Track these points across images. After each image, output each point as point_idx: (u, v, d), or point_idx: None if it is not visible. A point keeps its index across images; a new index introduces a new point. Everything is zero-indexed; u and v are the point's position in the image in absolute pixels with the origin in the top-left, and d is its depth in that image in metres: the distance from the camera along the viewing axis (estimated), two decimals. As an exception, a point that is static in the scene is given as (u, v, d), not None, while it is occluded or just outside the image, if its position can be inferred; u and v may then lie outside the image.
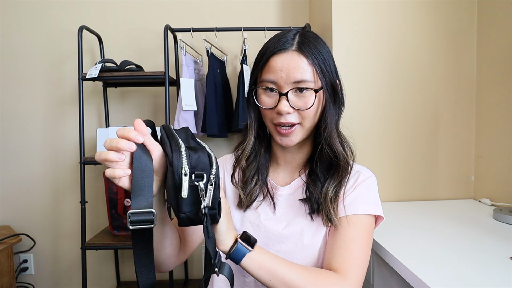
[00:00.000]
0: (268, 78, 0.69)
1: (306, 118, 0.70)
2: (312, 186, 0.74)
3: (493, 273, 0.76)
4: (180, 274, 1.99)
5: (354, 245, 0.68)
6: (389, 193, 1.50)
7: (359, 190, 0.74)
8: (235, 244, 0.61)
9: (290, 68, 0.67)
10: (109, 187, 1.66)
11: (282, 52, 0.68)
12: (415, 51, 1.47)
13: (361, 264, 0.67)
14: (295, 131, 0.71)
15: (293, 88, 0.68)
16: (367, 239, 0.70)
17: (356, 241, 0.68)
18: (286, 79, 0.67)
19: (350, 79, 1.46)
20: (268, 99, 0.71)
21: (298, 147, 0.78)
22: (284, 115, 0.69)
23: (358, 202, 0.72)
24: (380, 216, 0.75)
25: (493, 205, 1.36)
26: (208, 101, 1.62)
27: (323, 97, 0.71)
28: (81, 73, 1.59)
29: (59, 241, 1.95)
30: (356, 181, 0.75)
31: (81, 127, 1.60)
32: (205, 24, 1.87)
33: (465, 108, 1.50)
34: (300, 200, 0.76)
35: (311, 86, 0.68)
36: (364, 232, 0.70)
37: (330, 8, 1.46)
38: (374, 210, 0.72)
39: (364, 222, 0.71)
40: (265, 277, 0.61)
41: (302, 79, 0.67)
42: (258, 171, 0.79)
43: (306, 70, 0.67)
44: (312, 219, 0.73)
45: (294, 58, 0.68)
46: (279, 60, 0.68)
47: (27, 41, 1.88)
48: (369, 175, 0.77)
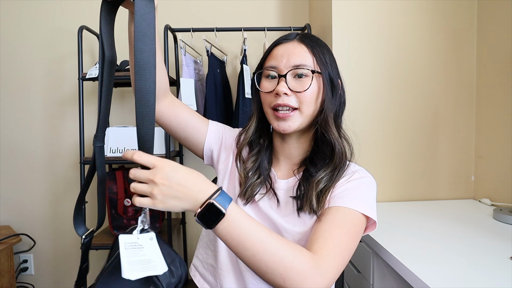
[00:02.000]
0: (270, 64, 0.75)
1: (304, 103, 0.72)
2: (305, 183, 0.74)
3: (493, 273, 0.76)
4: (180, 274, 1.99)
5: (338, 232, 0.64)
6: (389, 193, 1.50)
7: (351, 185, 0.73)
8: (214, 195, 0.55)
9: (291, 54, 0.73)
10: (109, 187, 1.66)
11: (285, 42, 0.76)
12: (415, 51, 1.47)
13: (341, 253, 0.62)
14: (293, 116, 0.73)
15: (292, 70, 0.72)
16: (353, 232, 0.66)
17: (341, 229, 0.65)
18: (286, 63, 0.73)
19: (350, 79, 1.46)
20: (268, 84, 0.75)
21: (296, 140, 0.79)
22: (281, 96, 0.71)
23: (347, 195, 0.70)
24: (373, 223, 0.73)
25: (493, 205, 1.37)
26: (208, 101, 1.62)
27: (323, 86, 0.73)
28: (81, 73, 1.59)
29: (59, 241, 1.95)
30: (350, 177, 0.75)
31: (81, 127, 1.60)
32: (205, 24, 1.87)
33: (465, 108, 1.50)
34: (291, 197, 0.77)
35: (308, 69, 0.72)
36: (352, 225, 0.67)
37: (330, 8, 1.46)
38: (363, 208, 0.68)
39: (352, 216, 0.67)
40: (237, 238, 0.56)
41: (301, 63, 0.72)
42: (260, 165, 0.80)
43: (306, 56, 0.73)
44: (299, 216, 0.74)
45: (295, 45, 0.74)
46: (281, 48, 0.75)
47: (27, 41, 1.88)
48: (366, 175, 0.77)
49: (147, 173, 0.53)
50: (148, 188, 0.53)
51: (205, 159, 0.87)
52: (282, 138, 0.80)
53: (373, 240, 1.02)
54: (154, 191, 0.53)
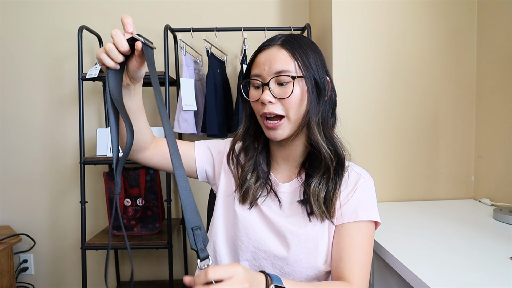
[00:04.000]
0: (254, 72, 0.75)
1: (290, 109, 0.72)
2: (308, 188, 0.75)
3: (493, 273, 0.76)
4: (180, 274, 1.99)
5: (361, 252, 0.72)
6: (389, 193, 1.50)
7: (360, 195, 0.76)
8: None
9: (271, 60, 0.72)
10: (109, 187, 1.66)
11: (267, 48, 0.74)
12: (415, 52, 1.47)
13: (368, 271, 0.72)
14: (282, 124, 0.73)
15: (274, 77, 0.71)
16: (370, 245, 0.74)
17: (362, 249, 0.72)
18: (268, 70, 0.72)
19: (350, 79, 1.46)
20: (255, 92, 0.75)
21: (290, 144, 0.78)
22: (267, 105, 0.72)
23: (360, 208, 0.75)
24: (377, 221, 0.78)
25: (493, 205, 1.36)
26: (208, 101, 1.62)
27: (307, 90, 0.72)
28: (81, 73, 1.59)
29: (59, 241, 1.95)
30: (356, 183, 0.76)
31: (81, 127, 1.60)
32: (205, 24, 1.87)
33: (465, 108, 1.50)
34: (298, 201, 0.77)
35: (291, 75, 0.71)
36: (368, 238, 0.74)
37: (330, 8, 1.46)
38: (375, 216, 0.75)
39: (367, 229, 0.74)
40: None
41: (282, 69, 0.71)
42: (256, 167, 0.80)
43: (287, 61, 0.72)
44: (310, 220, 0.75)
45: (275, 51, 0.73)
46: (263, 55, 0.74)
47: (27, 41, 1.89)
48: (368, 178, 0.79)
49: (233, 283, 0.51)
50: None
51: (200, 179, 0.89)
52: (278, 142, 0.80)
53: (373, 240, 1.02)
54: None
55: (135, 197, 1.68)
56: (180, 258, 2.00)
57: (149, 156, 0.81)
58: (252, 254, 0.77)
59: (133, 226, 1.69)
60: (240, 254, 0.78)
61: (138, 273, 2.00)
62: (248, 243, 0.76)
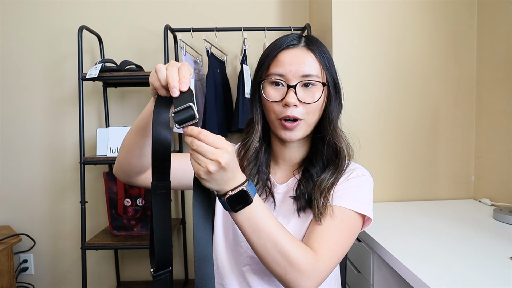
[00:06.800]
0: (277, 71, 0.71)
1: (311, 113, 0.72)
2: (305, 183, 0.74)
3: (493, 273, 0.76)
4: (180, 274, 1.99)
5: (334, 231, 0.68)
6: (389, 193, 1.49)
7: (349, 184, 0.74)
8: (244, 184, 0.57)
9: (299, 62, 0.70)
10: (109, 187, 1.66)
11: (292, 48, 0.72)
12: (415, 51, 1.47)
13: (337, 254, 0.67)
14: (299, 126, 0.72)
15: (301, 81, 0.70)
16: (348, 231, 0.70)
17: (337, 229, 0.68)
18: (295, 72, 0.70)
19: (350, 79, 1.46)
20: (274, 92, 0.72)
21: (298, 144, 0.78)
22: (290, 108, 0.70)
23: (345, 195, 0.72)
24: (368, 219, 0.75)
25: (493, 205, 1.37)
26: (208, 101, 1.62)
27: (327, 93, 0.74)
28: (81, 73, 1.59)
29: (59, 241, 1.95)
30: (348, 176, 0.76)
31: (81, 127, 1.60)
32: (205, 24, 1.87)
33: (465, 108, 1.50)
34: (290, 197, 0.77)
35: (318, 80, 0.71)
36: (347, 224, 0.70)
37: (330, 8, 1.46)
38: (358, 207, 0.71)
39: (349, 216, 0.70)
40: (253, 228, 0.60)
41: (310, 73, 0.70)
42: (258, 170, 0.79)
43: (313, 65, 0.71)
44: (299, 216, 0.74)
45: (303, 53, 0.72)
46: (288, 54, 0.72)
47: (27, 41, 1.89)
48: (363, 174, 0.77)
49: (215, 153, 0.51)
50: (212, 166, 0.51)
51: None
52: (282, 143, 0.79)
53: (373, 240, 1.02)
54: (214, 172, 0.52)
55: (135, 197, 1.68)
56: (180, 258, 2.00)
57: (146, 178, 0.77)
58: (251, 259, 0.76)
59: (133, 226, 1.69)
60: (241, 259, 0.77)
61: (138, 273, 2.00)
62: (247, 248, 0.76)
